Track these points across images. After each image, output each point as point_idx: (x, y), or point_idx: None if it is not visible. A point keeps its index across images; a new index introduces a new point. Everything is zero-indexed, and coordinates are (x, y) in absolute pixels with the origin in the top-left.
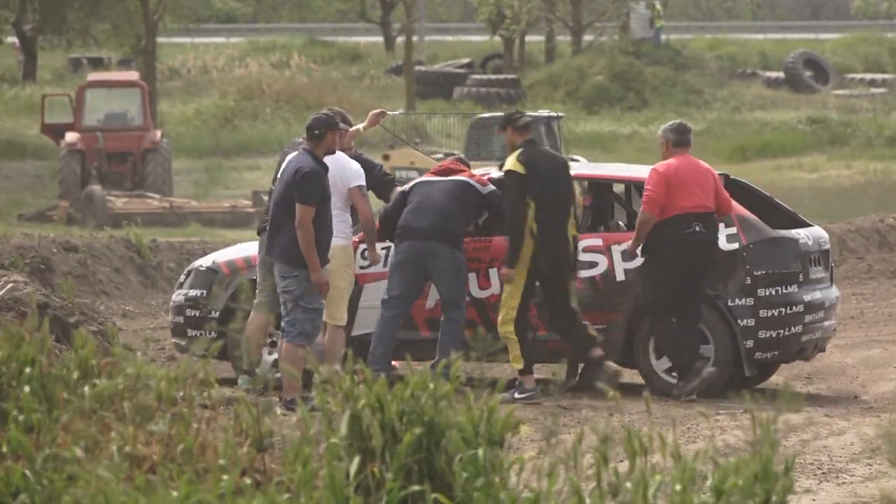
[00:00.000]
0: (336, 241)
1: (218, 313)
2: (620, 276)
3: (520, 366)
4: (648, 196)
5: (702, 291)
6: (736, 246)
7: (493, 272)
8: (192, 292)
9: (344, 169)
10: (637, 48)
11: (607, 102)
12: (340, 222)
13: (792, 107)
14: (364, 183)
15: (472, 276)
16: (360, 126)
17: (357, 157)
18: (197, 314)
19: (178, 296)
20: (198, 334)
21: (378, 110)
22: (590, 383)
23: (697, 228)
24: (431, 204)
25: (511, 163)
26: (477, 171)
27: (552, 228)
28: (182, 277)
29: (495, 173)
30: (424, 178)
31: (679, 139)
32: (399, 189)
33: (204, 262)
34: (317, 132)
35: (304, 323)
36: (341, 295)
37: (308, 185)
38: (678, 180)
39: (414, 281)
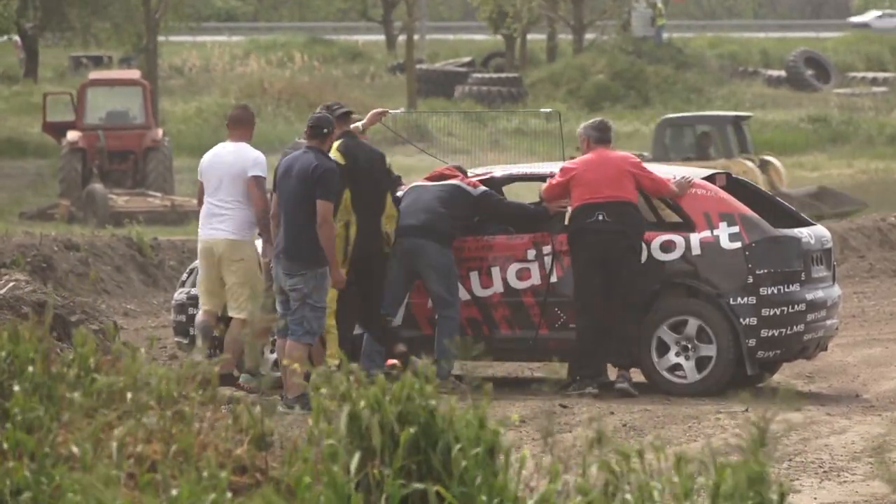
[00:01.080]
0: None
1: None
2: None
3: (336, 362)
4: (547, 186)
5: (624, 286)
6: (738, 245)
7: (495, 271)
8: (195, 291)
9: (245, 159)
10: (638, 47)
11: (609, 101)
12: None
13: (793, 105)
14: (263, 174)
15: (475, 275)
16: (360, 124)
17: None
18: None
19: (180, 294)
20: None
21: (379, 109)
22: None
23: (601, 217)
24: (421, 205)
25: (331, 152)
26: (480, 170)
27: (366, 221)
28: (184, 276)
29: (498, 171)
30: (417, 182)
31: (600, 136)
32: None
33: None
34: (325, 130)
35: (311, 321)
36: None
37: (330, 182)
38: (585, 175)
39: (400, 279)
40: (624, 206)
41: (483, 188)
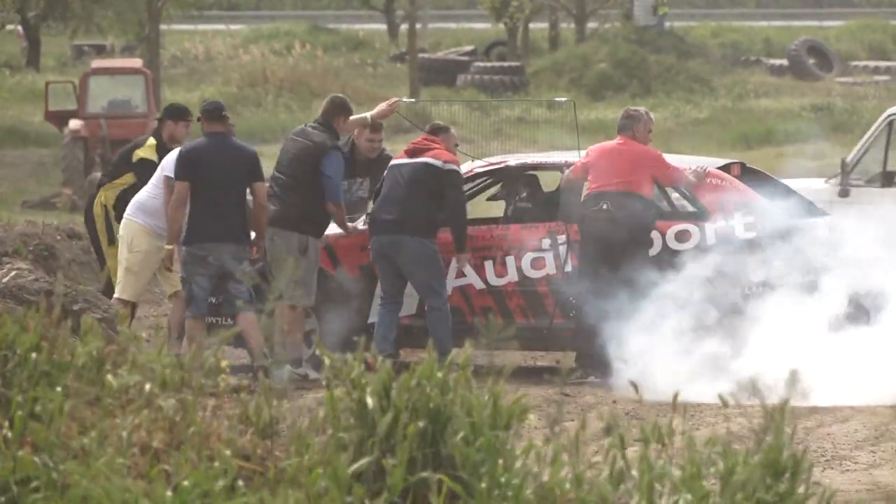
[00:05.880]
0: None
1: None
2: None
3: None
4: (574, 166)
5: (618, 274)
6: (753, 235)
7: (510, 260)
8: None
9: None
10: (640, 36)
11: (611, 90)
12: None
13: (796, 94)
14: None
15: (489, 264)
16: (368, 114)
17: (381, 153)
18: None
19: None
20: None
21: (393, 99)
22: None
23: (605, 206)
24: (396, 193)
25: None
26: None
27: None
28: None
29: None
30: (396, 160)
31: (622, 124)
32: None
33: None
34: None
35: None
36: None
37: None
38: (600, 162)
39: (392, 273)
40: (631, 197)
41: (452, 165)
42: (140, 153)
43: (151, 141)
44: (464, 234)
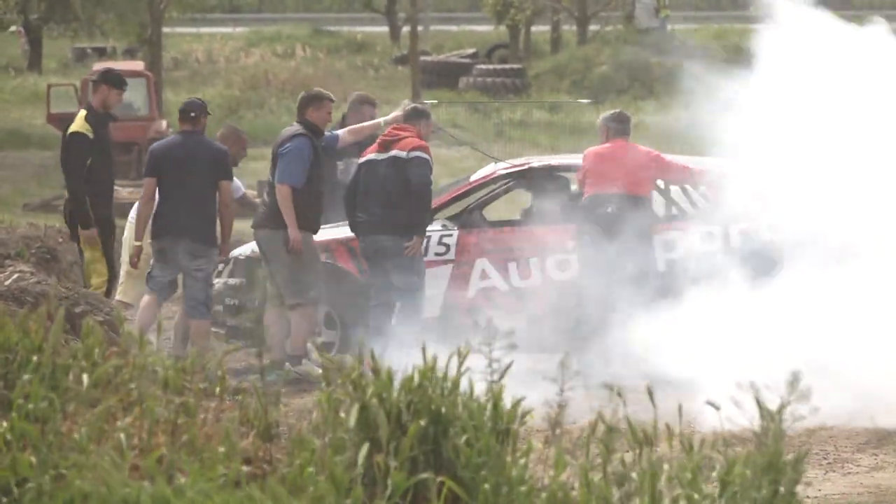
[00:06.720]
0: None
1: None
2: None
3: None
4: (578, 171)
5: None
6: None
7: (533, 262)
8: (232, 281)
9: None
10: (642, 38)
11: (613, 92)
12: None
13: None
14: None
15: (513, 266)
16: (382, 120)
17: None
18: (235, 303)
19: (217, 284)
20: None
21: (405, 102)
22: None
23: (610, 209)
24: (374, 192)
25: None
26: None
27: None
28: (220, 266)
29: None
30: (369, 156)
31: (619, 128)
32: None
33: (243, 250)
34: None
35: (211, 299)
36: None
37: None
38: (600, 166)
39: (380, 271)
40: (634, 199)
41: (417, 153)
42: (71, 128)
43: (82, 112)
44: (420, 217)
